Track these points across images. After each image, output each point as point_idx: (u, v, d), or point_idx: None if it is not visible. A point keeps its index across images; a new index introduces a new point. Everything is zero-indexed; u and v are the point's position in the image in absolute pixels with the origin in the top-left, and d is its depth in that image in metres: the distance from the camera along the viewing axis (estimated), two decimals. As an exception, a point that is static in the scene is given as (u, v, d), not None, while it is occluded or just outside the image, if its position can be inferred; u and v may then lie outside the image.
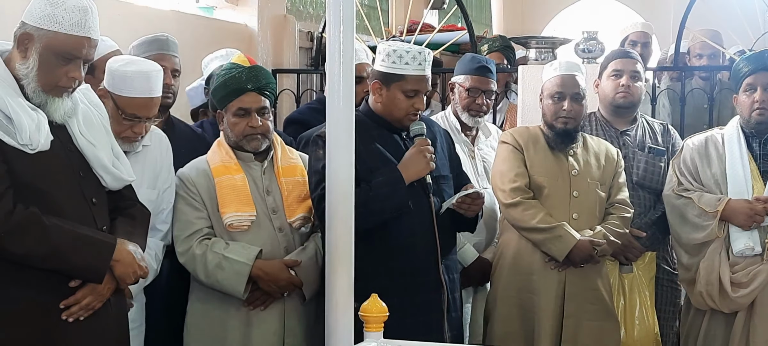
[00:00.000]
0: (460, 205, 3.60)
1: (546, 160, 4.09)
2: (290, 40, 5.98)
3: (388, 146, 3.61)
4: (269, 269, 3.47)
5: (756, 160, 4.04)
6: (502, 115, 5.62)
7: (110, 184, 2.95)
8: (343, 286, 3.04)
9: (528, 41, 5.31)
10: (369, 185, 3.50)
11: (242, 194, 3.52)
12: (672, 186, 4.14)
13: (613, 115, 4.42)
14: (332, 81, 3.00)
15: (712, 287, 3.98)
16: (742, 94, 4.06)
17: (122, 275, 2.86)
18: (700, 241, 4.03)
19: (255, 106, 3.52)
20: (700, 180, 4.09)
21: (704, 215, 4.00)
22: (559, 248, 3.96)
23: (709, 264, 4.00)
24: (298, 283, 3.49)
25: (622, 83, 4.35)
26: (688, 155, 4.13)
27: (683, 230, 4.10)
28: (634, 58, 4.46)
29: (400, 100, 3.59)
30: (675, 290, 4.54)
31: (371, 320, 2.93)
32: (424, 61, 3.59)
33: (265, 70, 3.63)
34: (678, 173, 4.14)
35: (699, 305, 4.08)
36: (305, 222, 3.60)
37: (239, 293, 3.46)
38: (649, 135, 4.43)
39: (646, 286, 4.32)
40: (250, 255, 3.45)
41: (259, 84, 3.53)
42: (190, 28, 5.22)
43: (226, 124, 3.57)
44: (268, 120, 3.56)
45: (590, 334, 4.02)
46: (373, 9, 6.30)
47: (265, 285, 3.47)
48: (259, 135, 3.54)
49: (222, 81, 3.55)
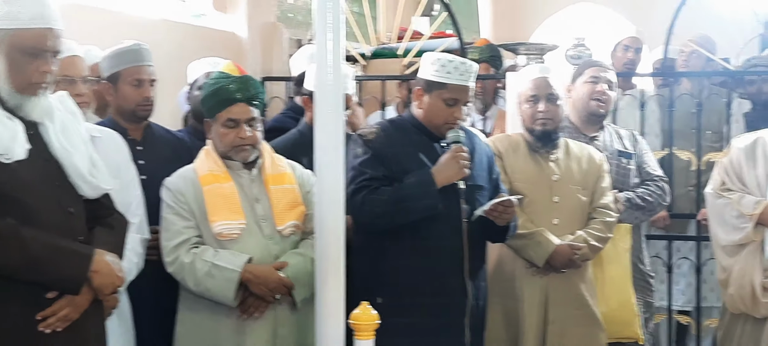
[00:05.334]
0: (491, 212, 3.62)
1: (526, 166, 4.12)
2: (280, 48, 5.98)
3: (426, 153, 3.68)
4: (259, 272, 3.45)
5: None
6: (491, 121, 5.64)
7: (87, 192, 2.91)
8: (333, 294, 3.03)
9: (517, 48, 5.33)
10: (401, 184, 3.59)
11: (231, 203, 3.50)
12: (715, 185, 4.12)
13: (584, 121, 4.47)
14: (321, 89, 3.00)
15: (744, 291, 3.96)
16: None
17: (100, 285, 2.83)
18: (737, 243, 4.01)
19: (244, 117, 3.52)
20: (744, 181, 4.06)
21: (742, 217, 3.98)
22: (538, 254, 3.99)
23: (742, 267, 3.98)
24: (289, 284, 3.47)
25: (597, 89, 4.41)
26: (735, 155, 4.10)
27: (721, 231, 4.07)
28: (610, 68, 4.53)
29: (440, 108, 3.66)
30: (647, 291, 4.55)
31: (362, 328, 2.92)
32: (467, 72, 3.67)
33: (254, 79, 3.62)
34: (723, 172, 4.11)
35: (732, 309, 4.06)
36: (296, 229, 3.59)
37: (230, 299, 3.44)
38: (617, 140, 4.51)
39: (622, 256, 4.32)
40: (239, 262, 3.44)
41: (248, 94, 3.52)
42: (180, 36, 5.22)
43: (214, 134, 3.57)
44: (257, 130, 3.56)
45: (575, 339, 4.04)
46: (362, 16, 6.30)
47: (255, 288, 3.45)
48: (248, 146, 3.54)
49: (211, 91, 3.54)
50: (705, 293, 5.09)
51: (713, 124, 5.35)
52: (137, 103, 3.81)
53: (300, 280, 3.47)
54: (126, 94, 3.80)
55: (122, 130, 3.72)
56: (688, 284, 5.21)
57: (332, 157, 3.02)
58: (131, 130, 3.81)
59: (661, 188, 4.47)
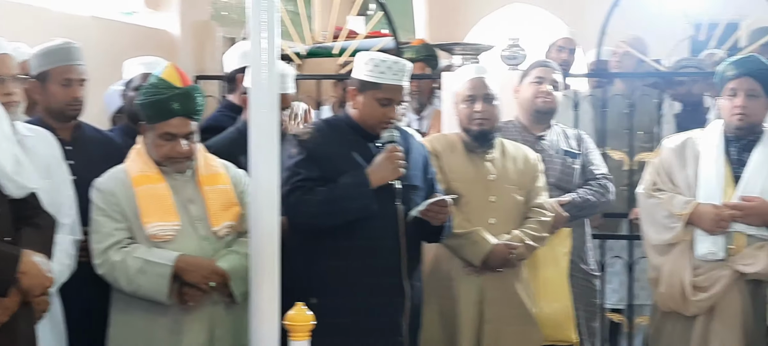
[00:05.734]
0: (426, 212, 3.61)
1: (463, 166, 4.14)
2: (213, 46, 5.93)
3: (361, 153, 3.67)
4: (191, 260, 3.41)
5: (731, 166, 4.04)
6: (427, 121, 5.65)
7: (13, 192, 2.86)
8: (268, 294, 3.03)
9: (452, 48, 5.35)
10: (335, 184, 3.57)
11: (165, 204, 3.46)
12: (646, 185, 4.18)
13: (531, 120, 4.52)
14: (256, 88, 2.98)
15: (674, 289, 4.01)
16: (725, 99, 4.05)
17: (29, 287, 2.78)
18: (667, 242, 4.06)
19: (182, 131, 3.46)
20: (674, 181, 4.12)
21: (672, 217, 4.03)
22: (474, 253, 4.01)
23: (672, 266, 4.04)
24: (221, 272, 3.43)
25: (542, 90, 4.46)
26: (665, 155, 4.16)
27: (652, 230, 4.13)
28: (556, 68, 4.58)
29: (374, 108, 3.66)
30: (591, 290, 4.60)
31: (296, 329, 2.92)
32: (401, 72, 3.67)
33: (197, 92, 3.53)
34: (654, 172, 4.17)
35: (662, 307, 4.12)
36: (231, 230, 3.55)
37: (164, 295, 3.38)
38: (563, 139, 4.55)
39: (560, 260, 4.36)
40: (171, 256, 3.39)
41: (189, 109, 3.47)
42: (111, 34, 5.15)
43: (149, 141, 3.51)
44: (194, 143, 3.51)
45: (511, 339, 4.07)
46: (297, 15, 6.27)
47: (189, 276, 3.39)
48: (183, 159, 3.49)
49: (152, 100, 3.45)
50: (636, 292, 5.16)
51: (645, 124, 5.42)
52: (66, 103, 3.74)
53: (237, 274, 3.44)
54: (55, 94, 3.73)
55: (51, 129, 3.64)
56: (620, 283, 5.27)
57: (267, 156, 3.01)
58: (60, 129, 3.73)
59: (604, 186, 4.52)
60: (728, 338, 3.94)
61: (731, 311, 3.95)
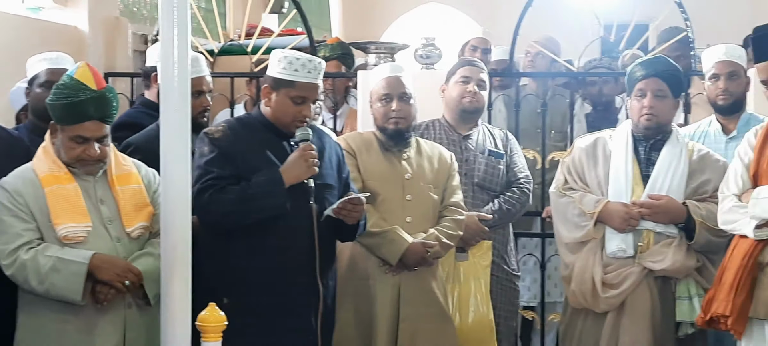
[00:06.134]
0: (340, 211, 3.59)
1: (379, 164, 4.14)
2: (123, 43, 5.82)
3: (275, 151, 3.63)
4: (106, 258, 3.35)
5: (640, 165, 4.12)
6: (342, 120, 5.64)
7: None
8: (180, 295, 2.99)
9: (367, 47, 5.35)
10: (248, 183, 3.53)
11: (76, 205, 3.38)
12: (558, 184, 4.22)
13: (457, 120, 4.54)
14: (166, 86, 2.94)
15: (585, 286, 4.07)
16: (633, 99, 4.12)
17: None
18: (578, 240, 4.12)
19: (96, 135, 3.39)
20: (585, 180, 4.17)
21: (583, 216, 4.08)
22: (391, 252, 4.02)
23: (583, 263, 4.09)
24: (136, 270, 3.37)
25: (469, 89, 4.47)
26: (576, 155, 4.22)
27: (564, 228, 4.18)
28: (481, 67, 4.61)
29: (288, 106, 3.62)
30: (513, 291, 4.64)
31: (209, 330, 2.89)
32: (315, 70, 3.64)
33: (111, 95, 3.44)
34: (565, 171, 4.22)
35: (574, 304, 4.17)
36: (145, 231, 3.50)
37: (77, 294, 3.30)
38: (489, 139, 4.57)
39: (481, 274, 4.39)
40: (86, 254, 3.32)
41: (103, 113, 3.39)
42: (15, 29, 5.02)
43: (60, 142, 3.42)
44: (106, 146, 3.44)
45: (426, 337, 4.08)
46: (210, 12, 6.20)
47: (103, 273, 3.32)
48: (95, 162, 3.41)
49: (65, 102, 3.36)
50: (549, 289, 5.23)
51: (557, 124, 5.51)
52: None
53: (151, 276, 3.38)
54: None
55: (-48, 127, 3.53)
56: (533, 280, 5.34)
57: (179, 154, 2.97)
58: (-38, 128, 3.62)
59: (524, 192, 4.56)
60: (637, 333, 4.01)
61: (640, 307, 4.03)
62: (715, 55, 4.44)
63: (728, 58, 4.40)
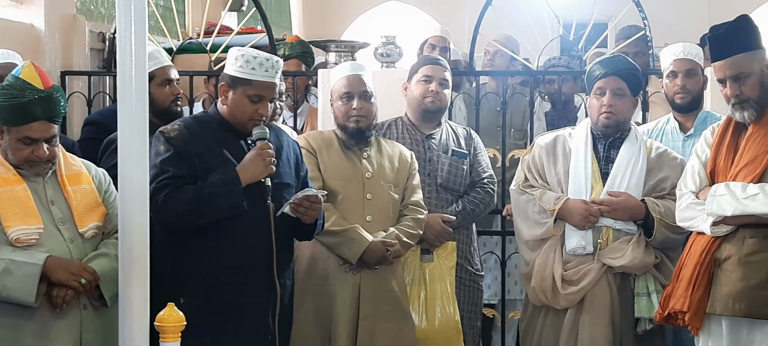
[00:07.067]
0: (296, 208, 3.57)
1: (340, 163, 4.13)
2: (80, 41, 5.75)
3: (231, 150, 3.60)
4: (60, 259, 3.30)
5: (599, 163, 4.15)
6: (302, 118, 5.62)
7: None
8: (137, 295, 2.96)
9: (327, 45, 5.33)
10: (205, 182, 3.50)
11: (26, 207, 3.32)
12: (518, 182, 4.23)
13: (420, 119, 4.53)
14: (124, 85, 2.91)
15: (545, 283, 4.09)
16: (593, 97, 4.15)
17: None
18: (539, 238, 4.14)
19: (44, 136, 3.33)
20: (545, 178, 4.19)
21: (543, 213, 4.10)
22: (352, 251, 4.02)
23: (543, 261, 4.12)
24: (91, 269, 3.32)
25: (431, 89, 4.45)
26: (536, 152, 4.24)
27: (524, 226, 4.20)
28: (444, 66, 4.59)
29: (245, 105, 3.59)
30: (477, 291, 4.64)
31: (167, 330, 2.87)
32: (273, 68, 3.61)
33: (58, 94, 3.38)
34: (526, 169, 4.24)
35: (534, 301, 4.19)
36: (98, 231, 3.45)
37: (31, 297, 3.23)
38: (453, 139, 4.56)
39: (447, 275, 4.40)
40: (39, 256, 3.26)
41: (52, 113, 3.34)
42: (-31, 28, 4.94)
43: (6, 143, 3.35)
44: (55, 146, 3.38)
45: (386, 335, 4.09)
46: (169, 10, 6.16)
47: (59, 274, 3.27)
48: (44, 163, 3.36)
49: (11, 103, 3.30)
50: (509, 286, 5.25)
51: (517, 122, 5.53)
52: None
53: (107, 276, 3.34)
54: None
55: None
56: (494, 278, 5.35)
57: (136, 154, 2.93)
58: None
59: (488, 191, 4.56)
60: (597, 329, 4.04)
61: (599, 303, 4.06)
62: (672, 53, 4.48)
63: (686, 55, 4.45)
